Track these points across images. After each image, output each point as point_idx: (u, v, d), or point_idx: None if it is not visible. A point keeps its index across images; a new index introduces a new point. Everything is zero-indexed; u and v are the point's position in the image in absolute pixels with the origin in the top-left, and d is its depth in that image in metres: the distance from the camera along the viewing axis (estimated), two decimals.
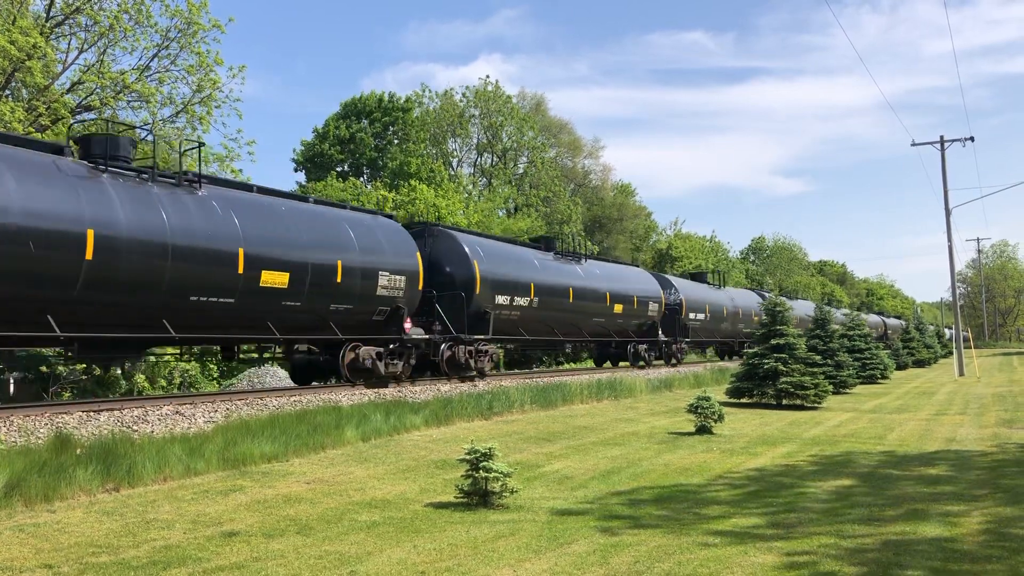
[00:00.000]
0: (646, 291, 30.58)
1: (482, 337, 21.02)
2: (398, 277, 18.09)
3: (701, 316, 35.50)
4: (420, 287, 19.02)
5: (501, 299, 21.82)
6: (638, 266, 38.67)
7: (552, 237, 28.07)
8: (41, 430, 10.28)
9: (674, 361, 32.69)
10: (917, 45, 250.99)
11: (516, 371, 31.65)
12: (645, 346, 30.55)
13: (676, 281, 34.84)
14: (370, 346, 17.58)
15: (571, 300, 25.25)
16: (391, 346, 18.18)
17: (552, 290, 24.19)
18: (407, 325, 18.44)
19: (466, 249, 20.96)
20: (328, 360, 17.39)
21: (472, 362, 20.79)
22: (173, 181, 14.13)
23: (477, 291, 20.72)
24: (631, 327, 29.68)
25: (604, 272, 28.32)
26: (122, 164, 13.50)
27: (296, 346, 17.50)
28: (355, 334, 17.30)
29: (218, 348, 17.01)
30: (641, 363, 30.01)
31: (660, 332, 31.55)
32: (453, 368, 20.47)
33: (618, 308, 28.08)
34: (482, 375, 21.24)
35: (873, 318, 68.50)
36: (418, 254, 19.21)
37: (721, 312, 37.82)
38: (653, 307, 30.84)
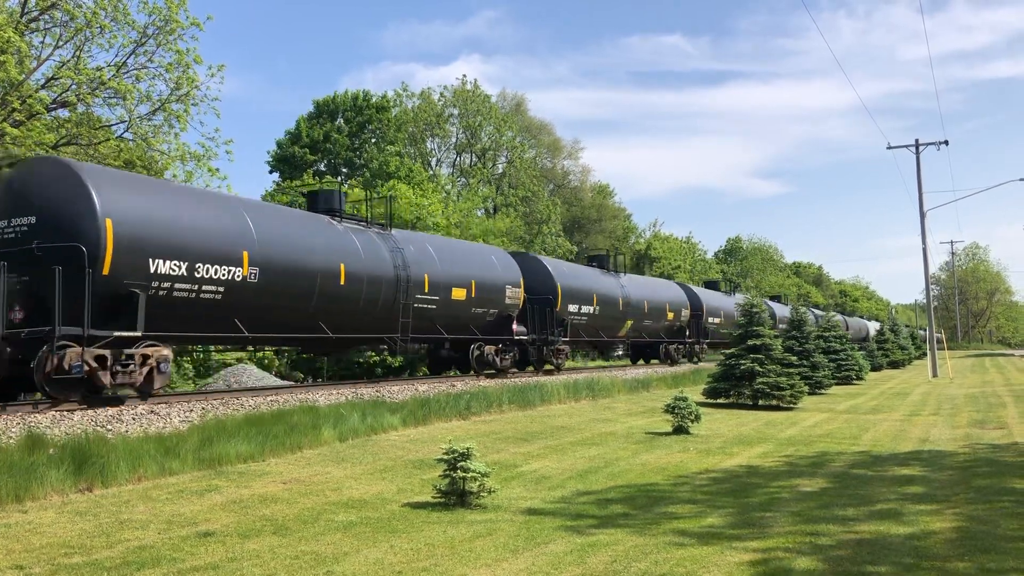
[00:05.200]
0: (676, 299, 35.43)
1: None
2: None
3: (717, 319, 39.50)
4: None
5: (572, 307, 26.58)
6: (669, 277, 46.38)
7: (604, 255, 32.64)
8: (13, 430, 10.15)
9: (696, 359, 37.31)
10: (892, 50, 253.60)
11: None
12: (674, 345, 35.39)
13: (698, 290, 39.64)
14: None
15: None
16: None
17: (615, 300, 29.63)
18: None
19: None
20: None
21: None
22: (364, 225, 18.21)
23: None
24: (662, 329, 34.24)
25: (640, 284, 33.27)
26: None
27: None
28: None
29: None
30: (669, 360, 34.64)
31: (687, 334, 36.50)
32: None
33: (669, 315, 34.42)
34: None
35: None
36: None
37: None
38: (684, 313, 35.85)
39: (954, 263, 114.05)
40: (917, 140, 41.24)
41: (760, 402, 21.00)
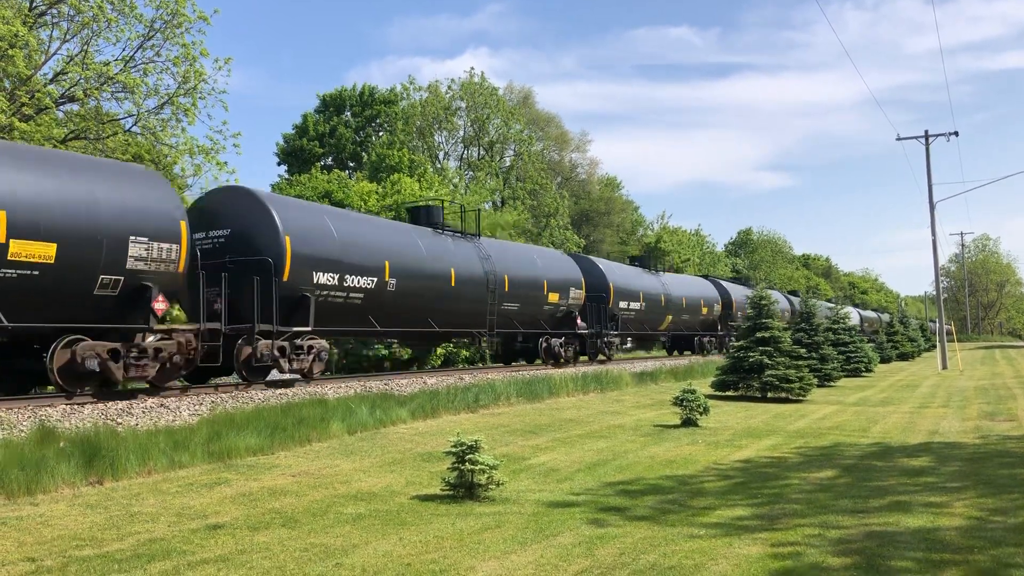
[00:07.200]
0: (563, 276, 25.66)
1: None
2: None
3: (636, 305, 30.51)
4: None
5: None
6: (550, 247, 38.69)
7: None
8: (24, 423, 10.21)
9: (601, 357, 27.95)
10: (899, 42, 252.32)
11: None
12: (561, 340, 25.15)
13: (603, 264, 29.85)
14: None
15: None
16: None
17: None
18: None
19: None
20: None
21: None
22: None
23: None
24: (543, 317, 24.70)
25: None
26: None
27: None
28: None
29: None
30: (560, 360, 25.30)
31: (578, 323, 26.07)
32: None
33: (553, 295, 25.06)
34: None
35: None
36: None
37: (659, 301, 33.10)
38: (575, 294, 25.94)
39: (964, 255, 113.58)
40: (927, 131, 40.96)
41: (769, 394, 20.95)
